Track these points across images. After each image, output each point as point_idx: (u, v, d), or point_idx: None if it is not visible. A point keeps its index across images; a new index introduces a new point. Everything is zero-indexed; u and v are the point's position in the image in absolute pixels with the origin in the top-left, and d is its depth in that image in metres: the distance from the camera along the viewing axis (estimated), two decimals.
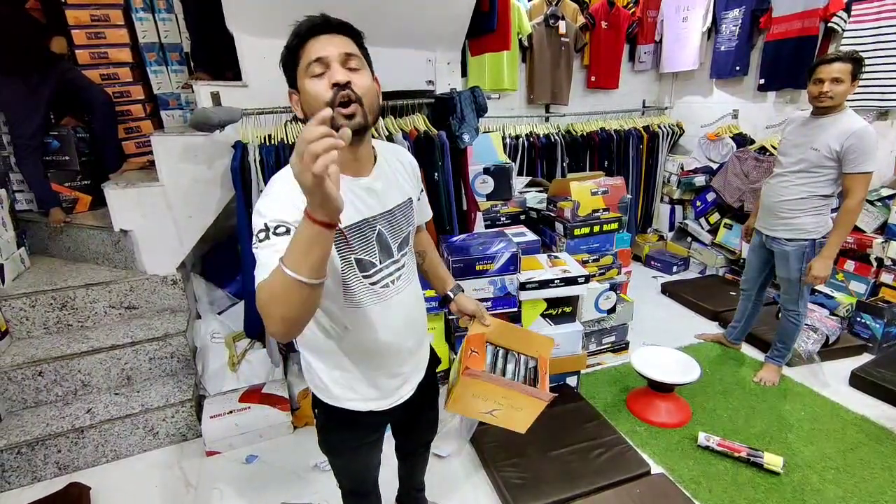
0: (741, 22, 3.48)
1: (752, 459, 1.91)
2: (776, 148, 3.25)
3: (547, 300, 2.29)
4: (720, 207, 3.67)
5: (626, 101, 4.26)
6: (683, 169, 4.01)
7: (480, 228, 2.61)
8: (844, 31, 2.94)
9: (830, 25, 3.00)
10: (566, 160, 3.77)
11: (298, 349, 1.13)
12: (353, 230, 0.95)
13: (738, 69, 3.60)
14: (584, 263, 2.50)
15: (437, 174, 2.30)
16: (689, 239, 3.97)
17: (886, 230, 2.77)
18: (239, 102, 2.05)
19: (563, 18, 3.68)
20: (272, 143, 2.09)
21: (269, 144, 2.08)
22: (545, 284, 2.21)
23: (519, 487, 1.78)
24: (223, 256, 2.75)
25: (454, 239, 2.28)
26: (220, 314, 2.60)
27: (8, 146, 2.63)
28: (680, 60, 3.95)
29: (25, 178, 2.61)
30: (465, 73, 3.34)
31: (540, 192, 3.05)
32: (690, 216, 3.96)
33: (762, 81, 3.45)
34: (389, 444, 1.33)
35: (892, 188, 2.85)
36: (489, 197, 2.75)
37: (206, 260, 2.84)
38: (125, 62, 2.83)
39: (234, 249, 2.43)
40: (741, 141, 3.67)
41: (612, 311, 2.59)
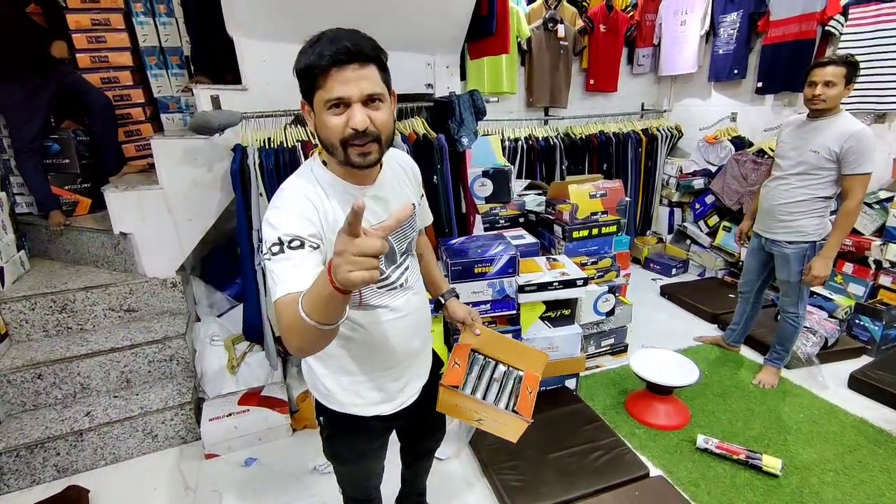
0: (739, 25, 3.50)
1: (750, 462, 1.91)
2: (774, 150, 3.27)
3: (546, 303, 2.30)
4: (719, 210, 3.68)
5: (624, 104, 4.28)
6: (682, 172, 4.02)
7: (479, 231, 2.62)
8: (842, 34, 2.95)
9: (828, 29, 3.02)
10: (565, 163, 3.78)
11: None
12: None
13: (736, 72, 3.62)
14: (582, 266, 2.50)
15: (436, 177, 2.31)
16: (687, 241, 3.98)
17: (885, 232, 2.78)
18: (239, 106, 2.06)
19: (561, 22, 3.70)
20: (272, 146, 2.10)
21: (268, 148, 2.08)
22: (544, 287, 2.22)
23: (518, 490, 1.78)
24: (223, 259, 2.75)
25: (453, 242, 2.28)
26: (219, 317, 2.60)
27: (8, 149, 2.64)
28: (678, 63, 3.97)
29: (25, 180, 2.63)
30: (464, 76, 3.35)
31: (539, 194, 3.06)
32: (689, 219, 3.97)
33: (760, 84, 3.46)
34: (391, 447, 1.33)
35: (889, 190, 2.86)
36: (488, 200, 2.75)
37: (205, 263, 2.84)
38: (125, 66, 2.84)
39: (233, 252, 2.44)
40: (739, 144, 3.68)
41: (610, 313, 2.60)
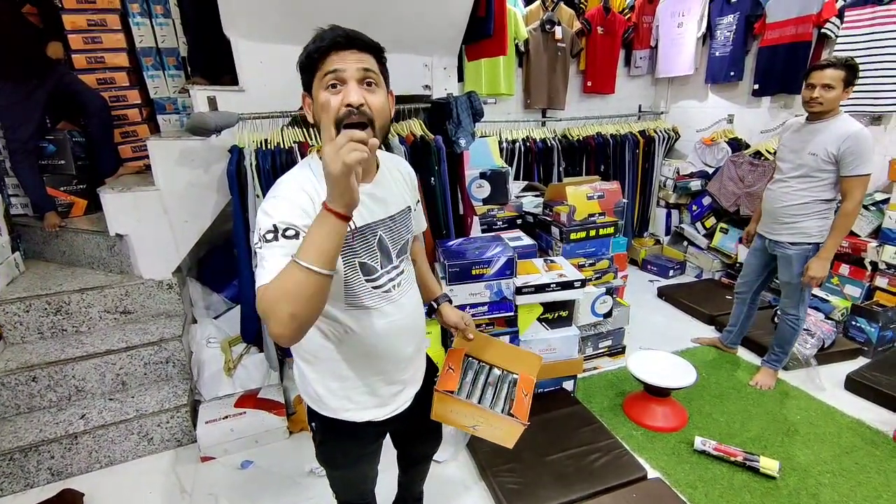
0: (735, 27, 3.52)
1: (748, 463, 1.91)
2: (771, 152, 3.29)
3: (543, 304, 2.30)
4: (716, 212, 3.69)
5: (622, 105, 4.29)
6: (679, 173, 4.04)
7: (477, 233, 2.62)
8: (837, 36, 2.97)
9: (824, 31, 3.04)
10: (562, 165, 3.79)
11: (293, 357, 1.13)
12: (356, 234, 0.96)
13: (732, 74, 3.64)
14: (580, 268, 2.50)
15: (433, 179, 2.30)
16: (685, 243, 3.99)
17: (881, 234, 2.79)
18: (235, 107, 2.05)
19: (559, 24, 3.71)
20: (268, 147, 2.09)
21: (265, 149, 2.08)
22: (541, 289, 2.22)
23: (515, 493, 1.78)
24: (219, 261, 2.74)
25: (450, 243, 2.28)
26: (216, 318, 2.59)
27: (3, 150, 2.62)
28: (675, 65, 3.99)
29: (21, 182, 2.61)
30: (461, 77, 3.34)
31: (536, 196, 3.07)
32: (686, 220, 3.98)
33: (756, 86, 3.48)
34: (388, 451, 1.32)
35: (885, 192, 2.87)
36: (486, 201, 2.75)
37: (202, 264, 2.83)
38: (122, 67, 2.83)
39: (230, 254, 2.43)
40: (736, 145, 3.70)
41: (608, 315, 2.59)
